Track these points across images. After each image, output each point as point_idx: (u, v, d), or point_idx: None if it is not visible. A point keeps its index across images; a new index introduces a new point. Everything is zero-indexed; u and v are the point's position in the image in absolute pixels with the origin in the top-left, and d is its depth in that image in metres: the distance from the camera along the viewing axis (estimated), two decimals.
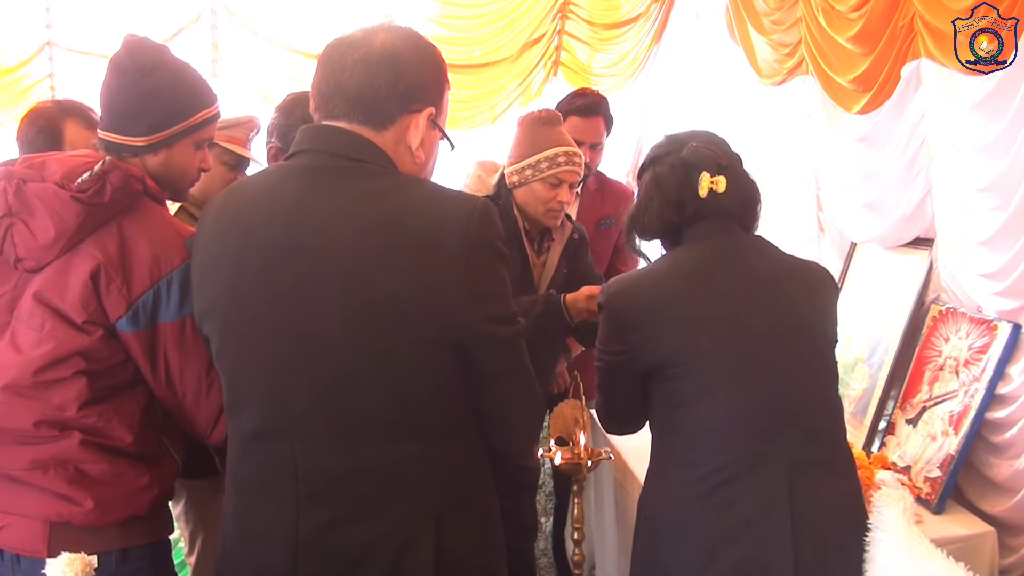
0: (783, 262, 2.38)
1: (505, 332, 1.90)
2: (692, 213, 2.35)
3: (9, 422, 2.17)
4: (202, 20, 5.25)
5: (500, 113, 5.67)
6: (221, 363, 1.96)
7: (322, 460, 1.85)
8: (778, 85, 4.57)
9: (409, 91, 1.90)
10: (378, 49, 1.89)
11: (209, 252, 1.95)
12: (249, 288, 1.86)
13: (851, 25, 3.79)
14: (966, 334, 3.29)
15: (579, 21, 5.67)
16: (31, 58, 5.04)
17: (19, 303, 2.21)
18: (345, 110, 1.89)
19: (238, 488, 1.98)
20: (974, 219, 3.22)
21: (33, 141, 2.82)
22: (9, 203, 2.18)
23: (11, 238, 2.19)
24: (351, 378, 1.81)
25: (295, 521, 1.86)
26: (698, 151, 2.38)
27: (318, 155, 1.90)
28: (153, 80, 2.33)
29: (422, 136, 1.94)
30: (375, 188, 1.84)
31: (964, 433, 3.12)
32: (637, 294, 2.34)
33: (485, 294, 1.85)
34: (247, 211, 1.92)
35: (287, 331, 1.83)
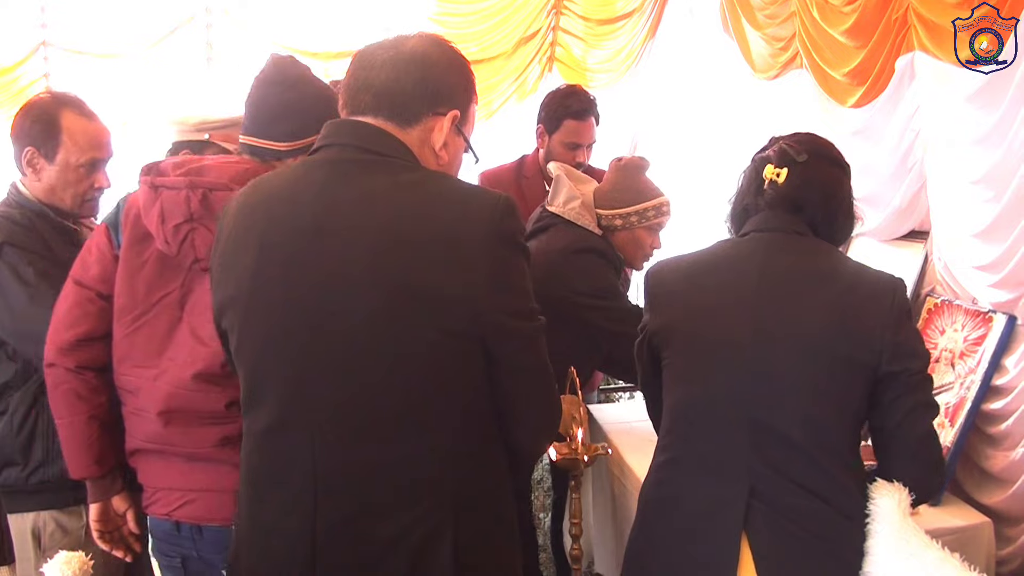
0: (822, 267, 2.27)
1: (526, 327, 1.92)
2: (750, 204, 2.36)
3: (203, 405, 2.37)
4: (197, 19, 5.24)
5: (496, 109, 5.66)
6: (240, 355, 1.97)
7: (341, 453, 1.86)
8: (772, 79, 4.57)
9: (436, 92, 1.94)
10: (408, 50, 1.94)
11: (231, 243, 1.97)
12: (272, 277, 1.88)
13: (845, 19, 3.79)
14: (962, 326, 3.29)
15: (573, 17, 5.66)
16: (27, 58, 5.03)
17: (189, 299, 2.43)
18: (372, 104, 1.92)
19: (252, 481, 2.00)
20: (969, 211, 3.23)
21: (30, 132, 2.82)
22: (192, 210, 2.38)
23: (191, 242, 2.39)
24: (373, 369, 1.82)
25: (312, 514, 1.86)
26: (779, 147, 2.36)
27: (344, 149, 1.92)
28: (298, 92, 2.51)
29: (446, 139, 1.97)
30: (401, 180, 1.87)
31: (960, 425, 3.12)
32: (663, 274, 2.41)
33: (508, 287, 1.87)
34: (272, 202, 1.95)
35: (309, 320, 1.84)
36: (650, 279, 2.43)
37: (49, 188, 2.83)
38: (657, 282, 2.40)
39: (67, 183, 2.85)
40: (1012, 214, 2.99)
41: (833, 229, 2.37)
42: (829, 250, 2.33)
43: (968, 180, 3.18)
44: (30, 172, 2.82)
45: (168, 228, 2.39)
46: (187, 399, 2.36)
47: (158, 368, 2.40)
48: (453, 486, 1.88)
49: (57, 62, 5.09)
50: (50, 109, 2.86)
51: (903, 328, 2.18)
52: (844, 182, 2.40)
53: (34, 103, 2.92)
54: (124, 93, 4.98)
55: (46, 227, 2.79)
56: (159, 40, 5.15)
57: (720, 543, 2.13)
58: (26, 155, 2.81)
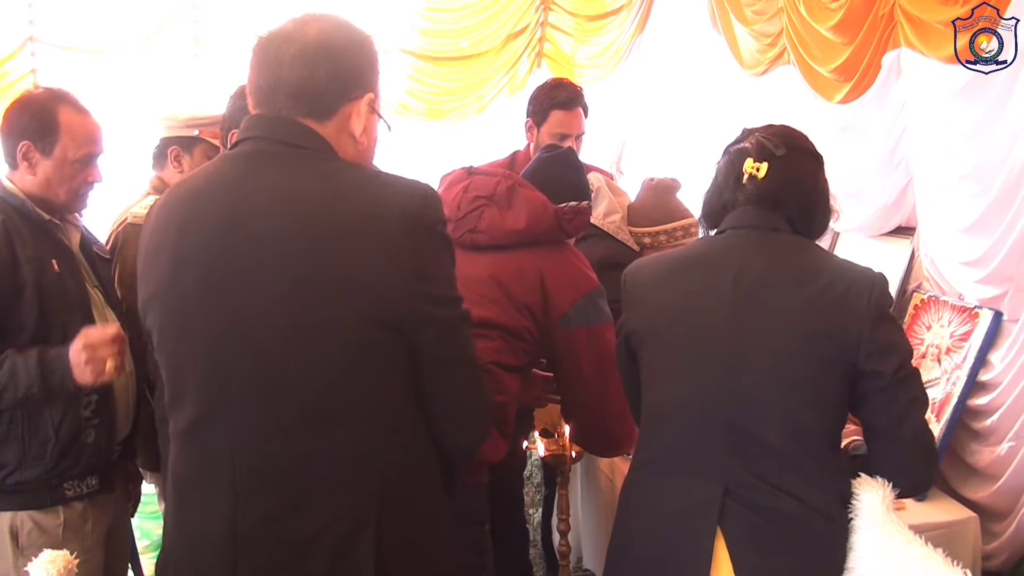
0: (796, 268, 2.21)
1: (447, 315, 1.88)
2: (728, 199, 2.30)
3: None
4: (184, 14, 5.23)
5: (487, 104, 5.66)
6: (161, 354, 1.93)
7: (260, 450, 1.81)
8: (760, 75, 4.58)
9: (347, 79, 1.89)
10: (313, 40, 1.87)
11: (151, 243, 1.93)
12: (187, 272, 1.84)
13: (832, 15, 3.80)
14: (948, 322, 3.31)
15: (562, 12, 5.66)
16: (14, 53, 5.00)
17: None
18: (288, 105, 1.87)
19: (177, 485, 1.94)
20: (955, 206, 3.24)
21: (27, 127, 2.79)
22: (496, 191, 2.71)
23: (479, 214, 2.70)
24: (289, 361, 1.78)
25: (233, 515, 1.81)
26: (757, 139, 2.31)
27: (260, 141, 1.88)
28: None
29: (364, 122, 1.93)
30: (317, 170, 1.84)
31: (946, 420, 3.14)
32: (640, 273, 2.38)
33: (426, 274, 1.83)
34: (188, 199, 1.91)
35: (223, 313, 1.80)
36: (627, 278, 2.39)
37: (44, 182, 2.81)
38: (634, 281, 2.37)
39: (62, 178, 2.82)
40: (998, 209, 3.00)
41: (811, 224, 2.33)
42: (807, 246, 2.29)
43: (955, 176, 3.20)
44: (24, 166, 2.79)
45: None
46: None
47: None
48: (375, 483, 1.83)
49: (45, 57, 5.06)
50: (47, 104, 2.83)
51: (881, 324, 2.13)
52: (821, 175, 2.37)
53: (29, 98, 2.90)
54: (112, 88, 4.96)
55: (24, 225, 2.76)
56: (147, 35, 5.13)
57: (695, 542, 2.11)
58: (21, 149, 2.77)
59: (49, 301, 2.73)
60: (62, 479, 2.79)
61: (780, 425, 2.12)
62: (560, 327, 2.61)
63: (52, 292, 2.73)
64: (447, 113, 5.62)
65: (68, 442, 2.78)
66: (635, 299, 2.35)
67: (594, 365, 2.62)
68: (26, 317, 2.70)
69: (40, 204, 2.82)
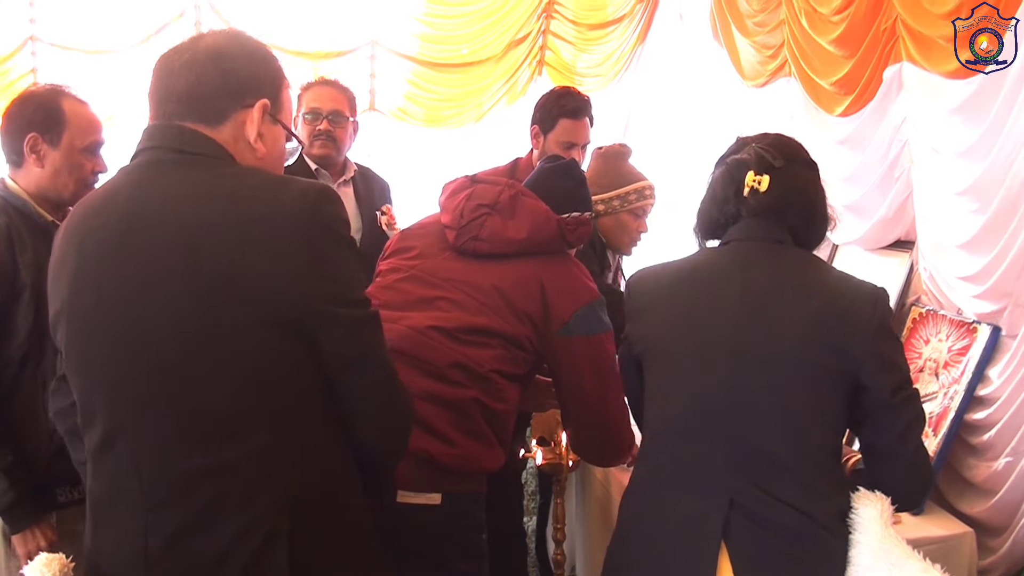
0: (806, 277, 2.22)
1: (350, 314, 1.86)
2: (733, 211, 2.29)
3: (427, 355, 2.51)
4: (186, 15, 5.25)
5: (485, 112, 5.69)
6: (70, 372, 1.91)
7: (165, 462, 1.77)
8: (761, 87, 4.59)
9: (239, 85, 1.90)
10: (203, 49, 1.89)
11: (56, 260, 1.92)
12: (85, 290, 1.82)
13: (833, 28, 3.80)
14: (946, 336, 3.31)
15: (564, 21, 5.69)
16: (14, 52, 5.02)
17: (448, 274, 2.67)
18: (178, 111, 1.87)
19: (92, 507, 1.90)
20: (954, 222, 3.24)
21: (32, 119, 2.80)
22: (499, 199, 2.70)
23: (481, 222, 2.67)
24: (188, 368, 1.75)
25: (144, 534, 1.77)
26: (754, 151, 2.30)
27: (155, 151, 1.87)
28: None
29: (259, 129, 1.91)
30: (211, 175, 1.83)
31: (944, 434, 3.13)
32: (645, 283, 2.38)
33: (326, 274, 1.81)
34: (89, 212, 1.89)
35: (121, 330, 1.78)
36: (631, 288, 2.40)
37: (53, 174, 2.81)
38: (639, 291, 2.37)
39: (72, 167, 2.83)
40: (997, 226, 3.00)
41: (811, 234, 2.34)
42: (810, 259, 2.30)
43: (953, 191, 3.20)
44: (32, 159, 2.79)
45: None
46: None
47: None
48: (285, 489, 1.79)
49: (45, 57, 5.07)
50: (50, 97, 2.85)
51: (884, 340, 2.15)
52: (819, 184, 2.38)
53: (30, 93, 2.92)
54: (112, 88, 4.97)
55: (25, 227, 2.76)
56: (148, 37, 5.15)
57: (698, 556, 2.10)
58: (29, 142, 2.78)
59: (46, 306, 2.68)
60: (54, 485, 2.80)
61: (786, 438, 2.12)
62: (560, 336, 2.61)
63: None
64: (445, 120, 5.64)
65: (60, 448, 2.77)
66: (639, 310, 2.35)
67: (594, 374, 2.62)
68: (21, 321, 2.72)
69: (44, 203, 2.82)
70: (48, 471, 2.77)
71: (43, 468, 2.76)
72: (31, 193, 2.82)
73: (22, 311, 2.72)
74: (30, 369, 2.76)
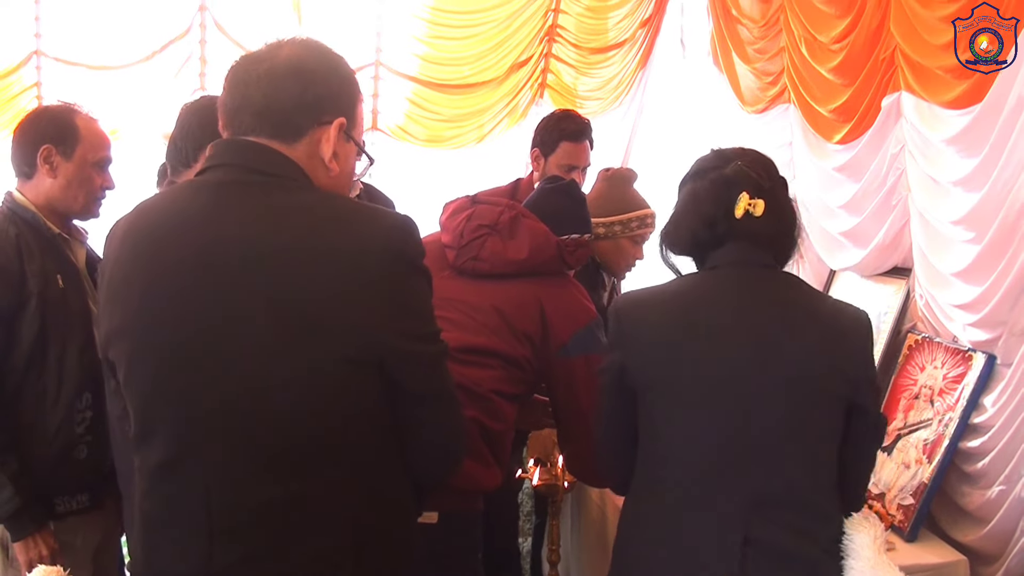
0: (801, 303, 2.23)
1: (427, 350, 1.84)
2: (723, 233, 2.21)
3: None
4: (191, 33, 5.26)
5: (487, 133, 5.70)
6: (129, 390, 1.85)
7: (237, 491, 1.75)
8: (760, 113, 4.62)
9: (317, 102, 1.84)
10: (283, 61, 1.83)
11: (119, 272, 1.86)
12: (159, 311, 1.77)
13: (833, 56, 3.84)
14: (941, 363, 3.32)
15: (566, 44, 5.71)
16: (19, 66, 5.03)
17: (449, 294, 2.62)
18: (252, 124, 1.82)
19: (147, 524, 1.86)
20: (950, 250, 3.26)
21: (46, 131, 2.86)
22: (499, 220, 2.72)
23: (482, 242, 2.70)
24: (269, 401, 1.72)
25: (207, 558, 1.75)
26: (742, 170, 2.23)
27: (231, 169, 1.82)
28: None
29: (335, 148, 1.86)
30: (291, 203, 1.78)
31: (938, 462, 3.14)
32: (646, 308, 2.26)
33: (407, 310, 1.80)
34: (157, 230, 1.84)
35: (200, 356, 1.74)
36: (621, 315, 2.27)
37: (65, 185, 2.87)
38: (630, 320, 2.25)
39: (83, 180, 2.89)
40: (993, 254, 3.02)
41: (789, 253, 2.31)
42: (799, 282, 2.30)
43: (949, 220, 3.22)
44: (45, 170, 2.85)
45: None
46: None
47: None
48: (352, 522, 1.79)
49: (49, 72, 5.09)
50: (64, 112, 2.92)
51: (871, 361, 2.24)
52: (794, 205, 2.35)
53: (44, 108, 3.01)
54: (116, 104, 4.98)
55: (33, 238, 2.80)
56: (152, 54, 5.16)
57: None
58: (43, 153, 2.84)
59: (51, 315, 2.78)
60: (53, 495, 2.81)
61: (800, 464, 2.12)
62: (559, 357, 2.62)
63: (55, 306, 2.79)
64: (446, 140, 5.65)
65: (59, 458, 2.80)
66: (633, 339, 2.23)
67: (591, 395, 2.62)
68: (27, 329, 2.76)
69: (52, 215, 2.88)
70: (47, 480, 2.79)
71: (43, 477, 2.78)
72: (39, 205, 2.87)
73: (28, 320, 2.76)
74: (32, 377, 2.78)
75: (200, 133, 2.49)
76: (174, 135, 2.59)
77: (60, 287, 2.81)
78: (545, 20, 5.65)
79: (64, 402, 2.80)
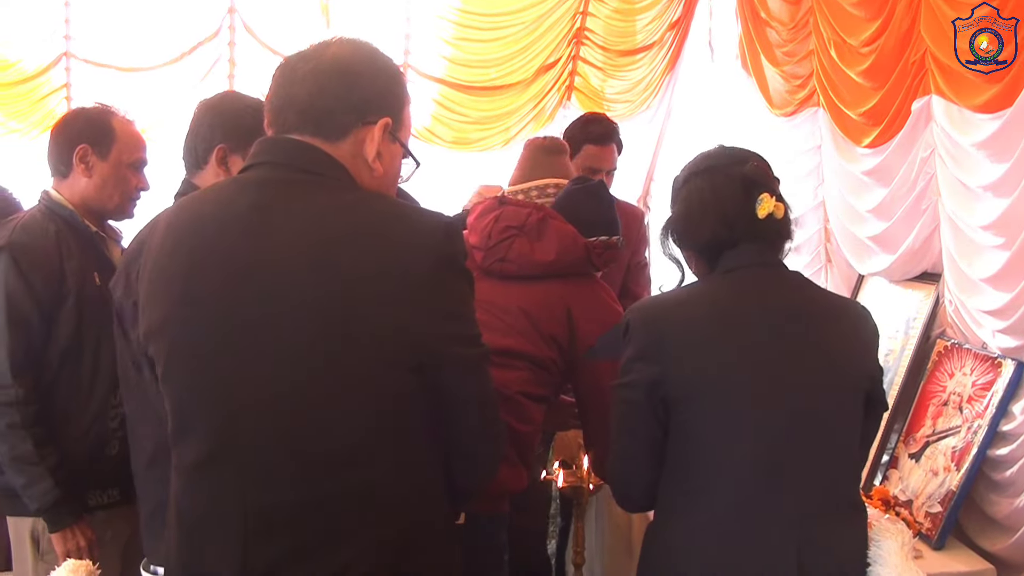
0: (818, 301, 2.25)
1: (470, 354, 1.82)
2: (740, 233, 2.18)
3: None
4: (220, 35, 5.28)
5: (513, 136, 5.68)
6: (167, 386, 1.84)
7: (273, 491, 1.73)
8: (789, 116, 4.61)
9: (363, 102, 1.83)
10: (329, 60, 1.83)
11: (159, 268, 1.85)
12: (200, 309, 1.76)
13: (863, 59, 3.82)
14: (971, 370, 3.30)
15: (594, 47, 5.70)
16: (48, 67, 5.08)
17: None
18: (296, 122, 1.81)
19: (182, 523, 1.85)
20: (980, 255, 3.24)
21: (83, 131, 2.91)
22: (527, 222, 2.72)
23: (509, 244, 2.70)
24: (308, 401, 1.71)
25: (243, 559, 1.72)
26: (760, 171, 2.22)
27: (275, 168, 1.81)
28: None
29: (379, 148, 1.85)
30: (336, 203, 1.77)
31: (966, 469, 3.12)
32: (675, 317, 2.17)
33: (451, 314, 1.78)
34: (199, 226, 1.83)
35: (240, 354, 1.73)
36: (649, 326, 2.18)
37: (99, 184, 2.92)
38: (660, 330, 2.17)
39: (118, 180, 2.94)
40: (1021, 261, 2.99)
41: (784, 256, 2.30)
42: (808, 281, 2.32)
43: (979, 224, 3.20)
44: (80, 169, 2.90)
45: None
46: None
47: None
48: (389, 526, 1.76)
49: (78, 73, 5.13)
50: (101, 113, 2.97)
51: (878, 356, 2.26)
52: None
53: (81, 109, 3.04)
54: (144, 106, 5.00)
55: (71, 236, 2.86)
56: (181, 55, 5.19)
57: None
58: (79, 152, 2.88)
59: (87, 312, 2.84)
60: (85, 489, 2.85)
61: (838, 460, 2.14)
62: (585, 359, 2.61)
63: (91, 304, 2.84)
64: (472, 143, 5.64)
65: (92, 452, 2.84)
66: (667, 349, 2.14)
67: None
68: (64, 325, 2.82)
69: (87, 214, 2.94)
70: (81, 474, 2.83)
71: (76, 471, 2.82)
72: (75, 204, 2.92)
73: (65, 316, 2.81)
74: (68, 373, 2.84)
75: (210, 134, 2.53)
76: (187, 135, 2.60)
77: (97, 284, 2.85)
78: (573, 22, 5.64)
79: (98, 398, 2.84)
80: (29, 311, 2.77)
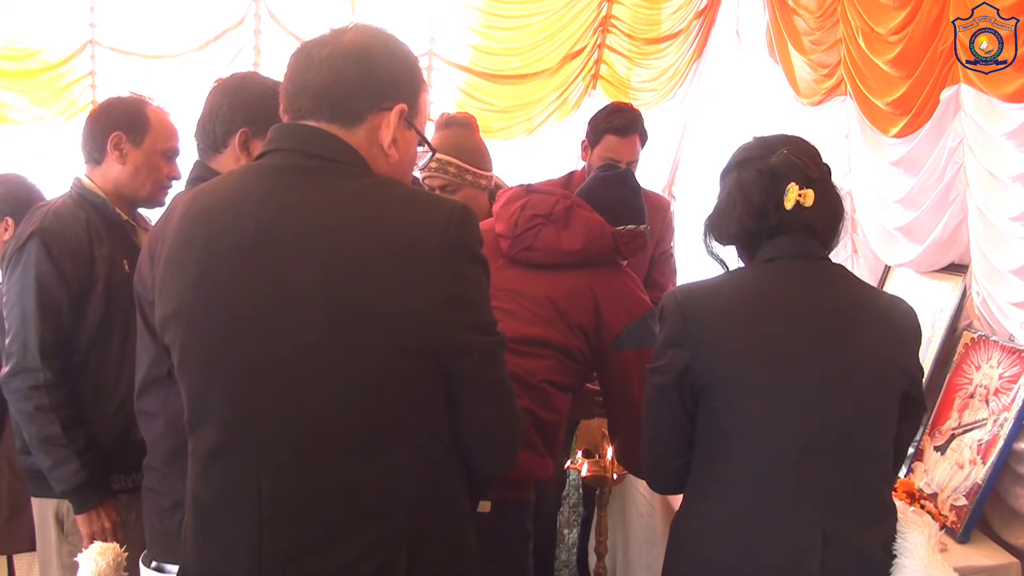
0: (860, 297, 2.22)
1: (484, 341, 1.81)
2: (774, 224, 2.18)
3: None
4: (246, 23, 5.30)
5: (537, 125, 5.68)
6: (183, 373, 1.84)
7: (288, 479, 1.74)
8: (816, 105, 4.57)
9: (379, 87, 1.82)
10: (345, 45, 1.81)
11: (174, 256, 1.86)
12: (214, 294, 1.77)
13: (890, 48, 3.78)
14: (997, 362, 3.27)
15: (620, 35, 5.67)
16: (74, 55, 5.12)
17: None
18: (311, 108, 1.81)
19: (197, 510, 1.86)
20: (1008, 247, 3.21)
21: (118, 119, 2.97)
22: (554, 210, 2.69)
23: (536, 232, 2.68)
24: (321, 390, 1.71)
25: (258, 548, 1.73)
26: (788, 160, 2.19)
27: (290, 154, 1.81)
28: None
29: (394, 134, 1.85)
30: (350, 189, 1.77)
31: (992, 462, 3.10)
32: (708, 304, 2.19)
33: (465, 300, 1.77)
34: (214, 213, 1.83)
35: (254, 339, 1.73)
36: (685, 312, 2.18)
37: (133, 171, 2.97)
38: (696, 316, 2.17)
39: (151, 167, 2.99)
40: None
41: (831, 247, 2.29)
42: (852, 275, 2.30)
43: (1008, 216, 3.17)
44: (115, 155, 2.95)
45: None
46: None
47: None
48: (405, 514, 1.76)
49: (104, 61, 5.16)
50: (136, 101, 3.03)
51: (918, 356, 2.23)
52: (840, 194, 2.31)
53: (117, 98, 3.09)
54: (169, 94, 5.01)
55: (102, 223, 2.90)
56: (206, 43, 5.22)
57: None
58: (113, 139, 2.93)
59: (116, 299, 2.89)
60: (109, 472, 2.90)
61: (869, 457, 2.12)
62: (612, 349, 2.60)
63: (119, 290, 2.88)
64: (496, 132, 5.62)
65: (118, 437, 2.89)
66: (701, 336, 2.16)
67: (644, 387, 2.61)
68: (93, 311, 2.88)
69: (119, 202, 3.01)
70: (106, 457, 2.89)
71: (102, 454, 2.88)
72: (107, 191, 2.98)
73: (94, 302, 2.88)
74: (96, 358, 2.90)
75: (231, 116, 2.50)
76: (203, 117, 2.58)
77: (125, 271, 2.89)
78: (599, 10, 5.62)
79: (125, 383, 2.85)
80: (59, 296, 2.82)
